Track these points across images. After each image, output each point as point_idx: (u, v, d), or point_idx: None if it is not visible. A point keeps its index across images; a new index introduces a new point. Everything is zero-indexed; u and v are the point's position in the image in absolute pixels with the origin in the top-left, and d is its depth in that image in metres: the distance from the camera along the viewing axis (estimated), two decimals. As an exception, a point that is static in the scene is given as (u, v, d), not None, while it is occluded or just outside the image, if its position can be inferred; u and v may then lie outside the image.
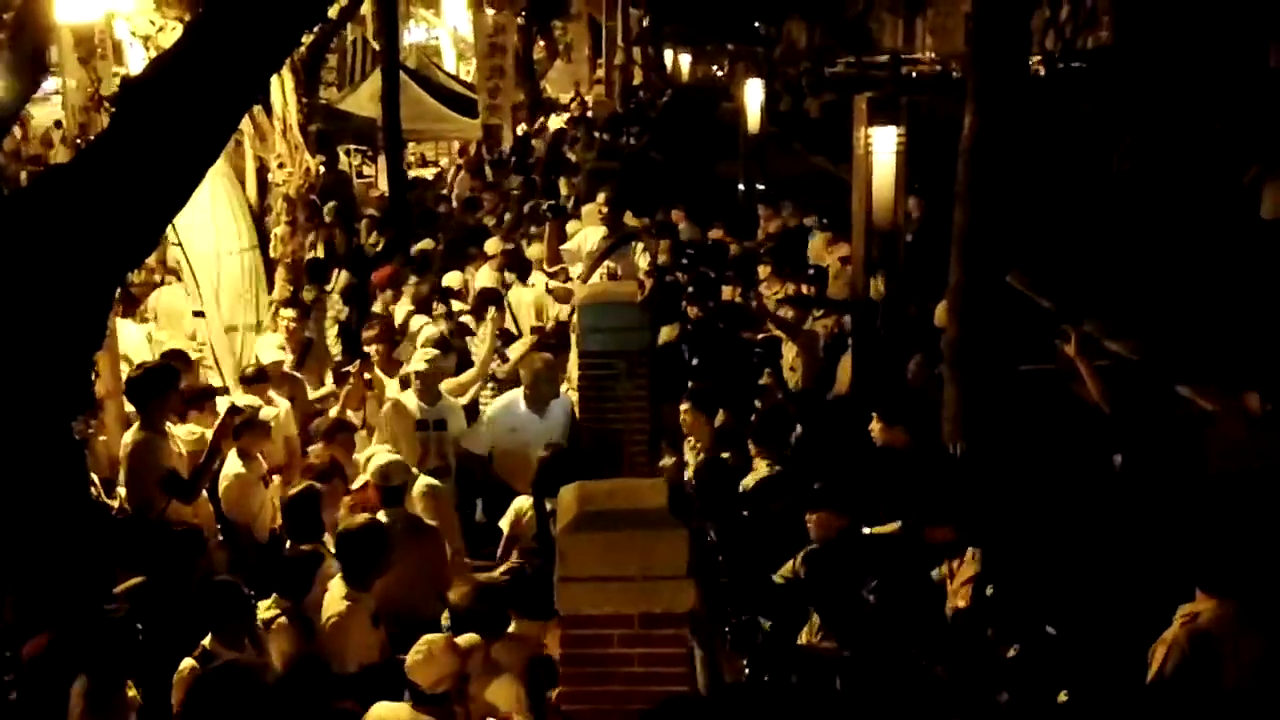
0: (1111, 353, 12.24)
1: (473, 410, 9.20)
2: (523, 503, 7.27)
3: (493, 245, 12.67)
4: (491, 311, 10.00)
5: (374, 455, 7.38)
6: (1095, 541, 6.48)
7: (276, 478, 7.94)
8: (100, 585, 5.46)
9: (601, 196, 13.28)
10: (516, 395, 8.50)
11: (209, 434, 7.84)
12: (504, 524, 7.37)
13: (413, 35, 35.68)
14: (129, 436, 7.42)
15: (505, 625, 5.78)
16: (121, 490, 7.56)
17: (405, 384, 8.81)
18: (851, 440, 7.72)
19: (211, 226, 10.40)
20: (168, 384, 7.57)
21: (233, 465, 7.63)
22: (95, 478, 7.33)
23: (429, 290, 11.34)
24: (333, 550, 6.47)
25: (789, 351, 9.85)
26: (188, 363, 9.01)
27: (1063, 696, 5.15)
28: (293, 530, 6.68)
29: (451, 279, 11.37)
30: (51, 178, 5.29)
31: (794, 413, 8.33)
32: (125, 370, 8.45)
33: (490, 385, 9.48)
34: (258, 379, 8.73)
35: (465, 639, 5.49)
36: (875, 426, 7.41)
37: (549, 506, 6.89)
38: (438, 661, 5.15)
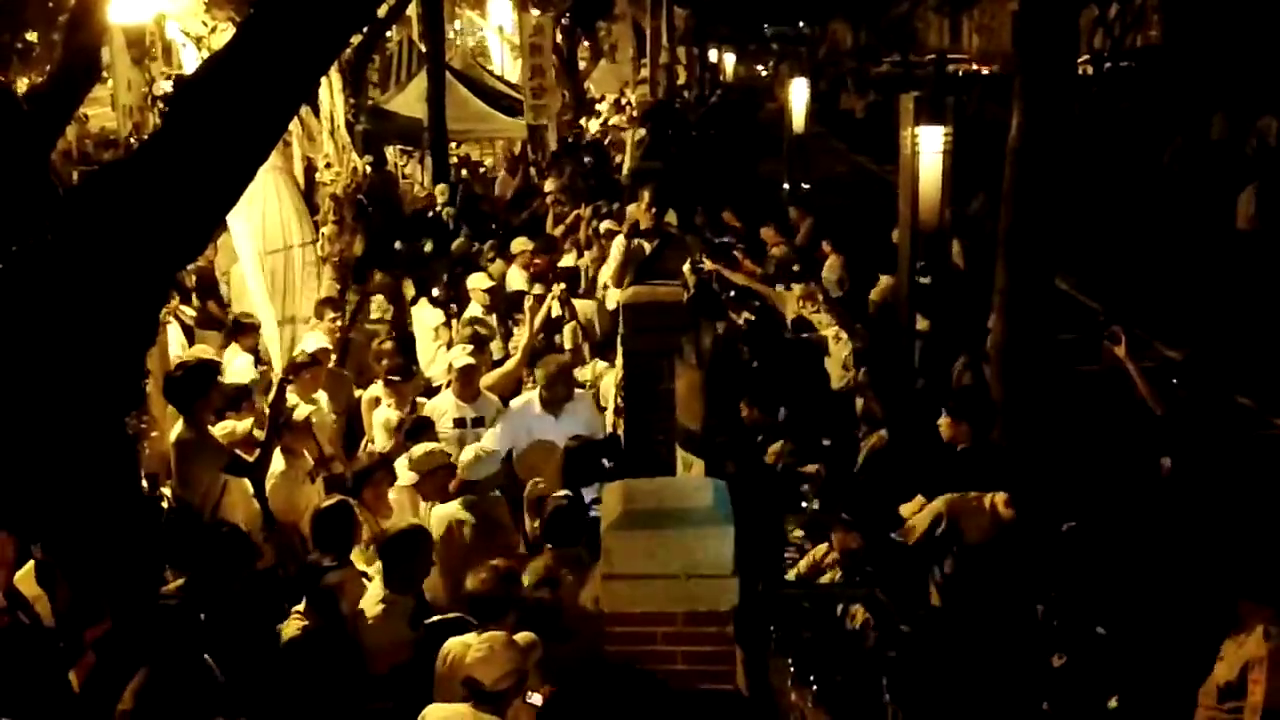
0: (1159, 354, 12.16)
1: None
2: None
3: (519, 244, 12.74)
4: (529, 301, 10.01)
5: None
6: (1145, 544, 6.43)
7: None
8: (150, 579, 5.53)
9: (646, 196, 13.29)
10: (531, 397, 8.51)
11: (240, 427, 7.93)
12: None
13: (459, 35, 35.83)
14: (175, 436, 7.51)
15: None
16: (165, 490, 7.66)
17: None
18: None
19: (269, 221, 10.49)
20: (208, 381, 7.66)
21: (278, 464, 7.70)
22: (144, 473, 7.42)
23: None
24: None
25: (840, 350, 9.83)
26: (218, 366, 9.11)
27: (1113, 703, 5.12)
28: (319, 542, 6.66)
29: (476, 280, 11.36)
30: (105, 176, 5.35)
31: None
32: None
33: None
34: (305, 367, 8.83)
35: (522, 636, 5.51)
36: (944, 421, 7.38)
37: (588, 497, 6.96)
38: (500, 659, 5.16)
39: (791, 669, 4.96)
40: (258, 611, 5.89)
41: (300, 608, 5.84)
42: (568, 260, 12.35)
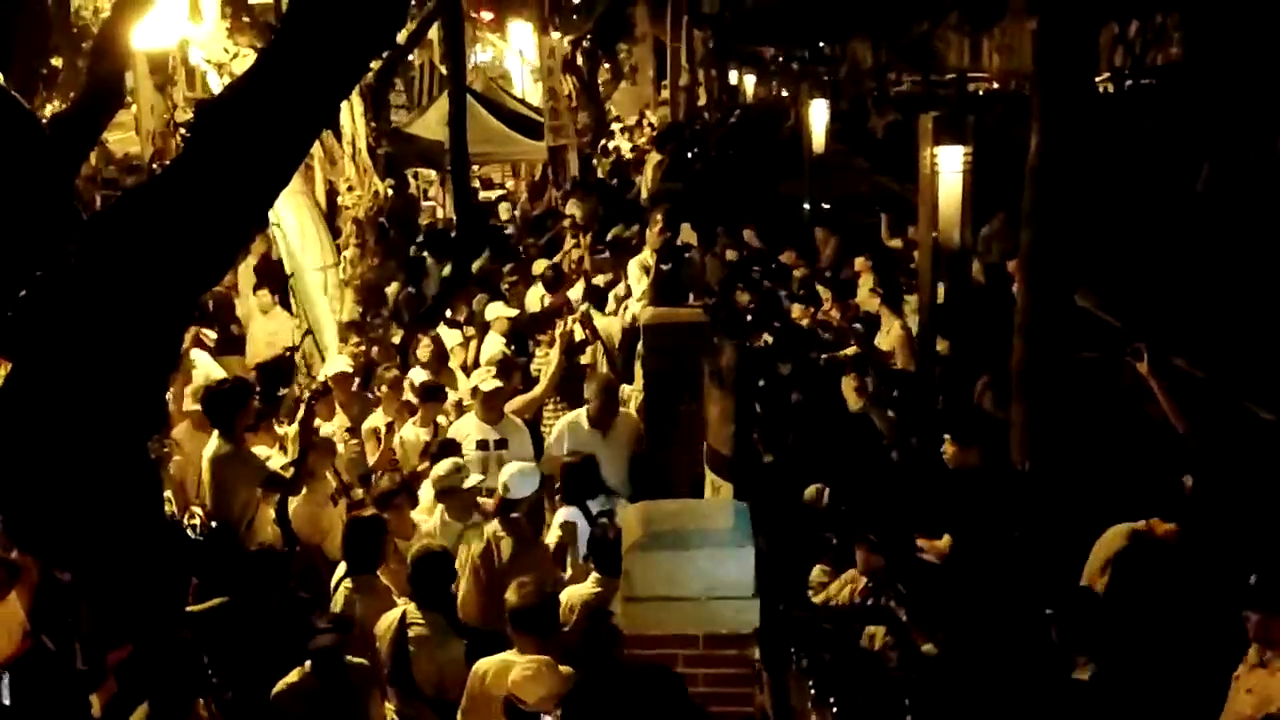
0: (1181, 371, 12.07)
1: (534, 428, 9.24)
2: (564, 514, 7.32)
3: (539, 266, 12.78)
4: (560, 327, 10.05)
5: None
6: (1165, 562, 6.37)
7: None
8: (174, 602, 5.55)
9: (659, 219, 13.34)
10: (579, 415, 8.54)
11: (273, 455, 7.98)
12: (551, 537, 7.39)
13: (479, 58, 36.01)
14: (212, 452, 7.55)
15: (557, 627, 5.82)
16: (196, 509, 7.70)
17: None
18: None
19: (296, 245, 10.60)
20: (246, 396, 7.77)
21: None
22: (169, 495, 7.47)
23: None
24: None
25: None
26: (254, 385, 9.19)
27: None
28: (350, 555, 6.70)
29: (494, 309, 11.40)
30: (129, 201, 5.40)
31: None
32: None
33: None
34: (324, 393, 8.91)
35: (563, 668, 5.52)
36: (949, 449, 7.33)
37: (594, 510, 7.00)
38: (546, 680, 5.18)
39: (812, 691, 4.94)
40: (277, 634, 5.90)
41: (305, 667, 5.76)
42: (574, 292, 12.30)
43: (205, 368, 9.82)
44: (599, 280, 12.63)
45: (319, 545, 7.63)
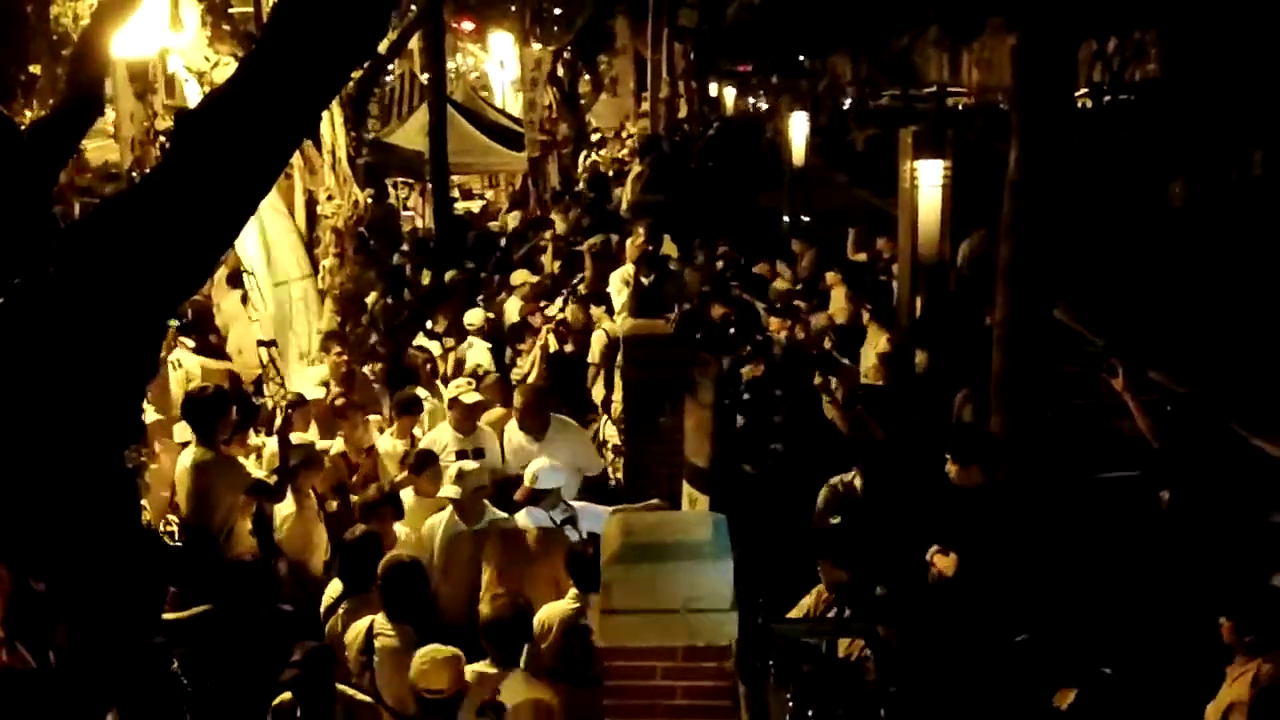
0: (1158, 386, 12.15)
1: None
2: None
3: (519, 277, 12.77)
4: (541, 337, 10.05)
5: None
6: (1144, 579, 6.40)
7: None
8: (151, 614, 5.52)
9: (641, 231, 13.35)
10: (513, 421, 8.56)
11: (249, 464, 7.94)
12: None
13: (459, 66, 36.01)
14: (190, 458, 7.50)
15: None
16: (172, 516, 7.65)
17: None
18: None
19: (269, 256, 10.54)
20: (226, 403, 7.74)
21: (288, 504, 7.67)
22: (146, 505, 7.42)
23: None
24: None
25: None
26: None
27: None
28: (346, 574, 6.64)
29: (473, 316, 11.38)
30: (108, 209, 5.37)
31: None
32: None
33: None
34: (300, 404, 8.88)
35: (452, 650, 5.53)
36: (951, 468, 7.32)
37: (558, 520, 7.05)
38: (446, 664, 5.22)
39: (790, 703, 4.94)
40: (261, 644, 5.88)
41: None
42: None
43: (189, 369, 9.78)
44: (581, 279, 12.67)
45: (305, 562, 7.59)
